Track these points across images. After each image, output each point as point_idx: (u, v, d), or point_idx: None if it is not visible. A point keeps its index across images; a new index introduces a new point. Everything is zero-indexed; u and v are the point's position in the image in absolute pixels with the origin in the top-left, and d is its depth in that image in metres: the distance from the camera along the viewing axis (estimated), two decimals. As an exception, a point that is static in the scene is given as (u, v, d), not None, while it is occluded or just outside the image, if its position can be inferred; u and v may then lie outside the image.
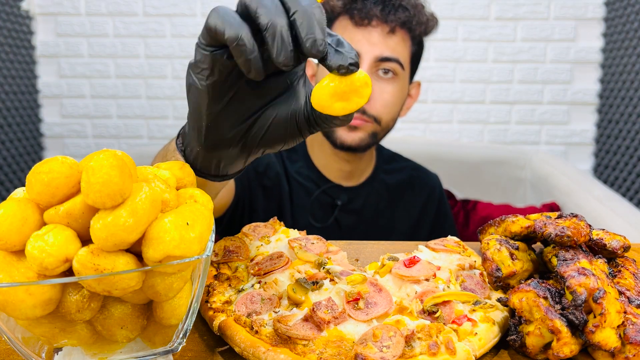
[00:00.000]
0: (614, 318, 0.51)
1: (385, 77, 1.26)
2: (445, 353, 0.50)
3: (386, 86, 1.26)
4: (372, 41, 1.23)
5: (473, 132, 2.68)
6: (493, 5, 2.57)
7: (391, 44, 1.24)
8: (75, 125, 2.67)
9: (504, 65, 2.62)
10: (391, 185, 1.44)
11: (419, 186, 1.47)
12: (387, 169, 1.47)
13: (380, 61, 1.23)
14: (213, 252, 0.67)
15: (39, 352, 0.47)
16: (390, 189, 1.44)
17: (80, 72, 2.62)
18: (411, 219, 1.45)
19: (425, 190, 1.48)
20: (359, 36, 1.24)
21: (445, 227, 1.49)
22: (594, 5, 2.54)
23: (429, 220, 1.46)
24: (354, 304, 0.57)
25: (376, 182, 1.43)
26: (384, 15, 1.22)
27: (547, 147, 2.68)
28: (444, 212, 1.51)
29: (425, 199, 1.47)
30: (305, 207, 1.35)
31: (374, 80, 1.24)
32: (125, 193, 0.41)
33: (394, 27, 1.23)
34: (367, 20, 1.23)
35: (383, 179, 1.44)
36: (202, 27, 0.50)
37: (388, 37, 1.23)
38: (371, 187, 1.41)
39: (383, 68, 1.24)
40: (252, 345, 0.52)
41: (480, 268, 0.68)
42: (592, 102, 2.64)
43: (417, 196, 1.46)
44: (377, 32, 1.23)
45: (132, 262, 0.43)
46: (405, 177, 1.47)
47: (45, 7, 2.56)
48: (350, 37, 1.25)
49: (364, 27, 1.23)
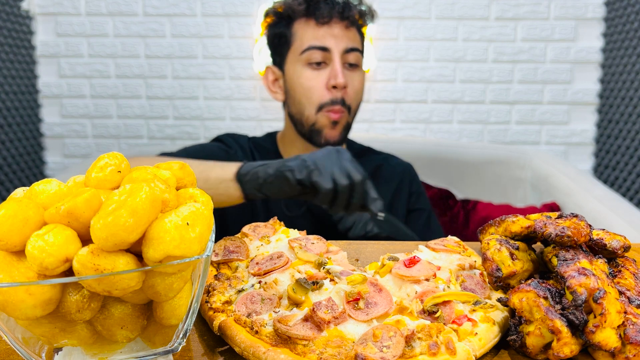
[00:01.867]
0: (614, 318, 0.51)
1: (352, 68, 1.39)
2: (446, 353, 0.50)
3: (354, 75, 1.39)
4: (337, 36, 1.36)
5: (473, 132, 2.68)
6: (493, 5, 2.57)
7: (350, 36, 1.38)
8: (75, 125, 2.67)
9: (504, 65, 2.62)
10: None
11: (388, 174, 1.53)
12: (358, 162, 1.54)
13: (346, 53, 1.36)
14: (213, 252, 0.67)
15: (39, 352, 0.47)
16: None
17: (80, 72, 2.62)
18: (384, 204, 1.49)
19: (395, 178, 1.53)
20: (323, 32, 1.36)
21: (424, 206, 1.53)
22: (594, 5, 2.54)
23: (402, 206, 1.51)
24: (354, 304, 0.57)
25: None
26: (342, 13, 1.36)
27: (547, 147, 2.68)
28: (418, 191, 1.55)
29: (395, 187, 1.52)
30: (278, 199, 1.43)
31: (345, 71, 1.37)
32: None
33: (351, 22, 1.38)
34: (328, 19, 1.35)
35: None
36: (202, 27, 0.51)
37: (348, 31, 1.38)
38: None
39: (348, 61, 1.37)
40: (252, 345, 0.51)
41: (480, 268, 0.68)
42: (592, 102, 2.64)
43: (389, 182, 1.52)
44: (339, 27, 1.36)
45: (132, 262, 0.43)
46: (373, 167, 1.53)
47: (45, 7, 2.56)
48: (316, 36, 1.36)
49: (327, 25, 1.36)
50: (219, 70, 2.60)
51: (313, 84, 1.36)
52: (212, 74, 2.61)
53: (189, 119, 2.64)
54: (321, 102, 1.35)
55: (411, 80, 2.63)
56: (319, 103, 1.35)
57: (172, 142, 2.66)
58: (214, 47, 2.58)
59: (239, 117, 2.65)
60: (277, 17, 1.42)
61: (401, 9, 2.55)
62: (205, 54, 2.59)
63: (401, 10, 2.56)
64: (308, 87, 1.36)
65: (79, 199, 0.43)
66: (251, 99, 2.63)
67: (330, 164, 1.04)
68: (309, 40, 1.36)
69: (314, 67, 1.36)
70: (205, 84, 2.62)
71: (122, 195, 0.42)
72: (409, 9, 2.56)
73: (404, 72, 2.61)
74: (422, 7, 2.57)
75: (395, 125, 2.67)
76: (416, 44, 2.60)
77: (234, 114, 2.64)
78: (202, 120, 2.65)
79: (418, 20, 2.57)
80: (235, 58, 2.59)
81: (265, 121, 2.65)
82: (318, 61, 1.36)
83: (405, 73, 2.61)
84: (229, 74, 2.61)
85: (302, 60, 1.37)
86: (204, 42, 2.57)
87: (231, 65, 2.60)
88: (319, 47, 1.35)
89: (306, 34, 1.37)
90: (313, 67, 1.36)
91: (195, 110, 2.64)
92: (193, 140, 2.66)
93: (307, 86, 1.36)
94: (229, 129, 2.63)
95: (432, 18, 2.59)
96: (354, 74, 1.39)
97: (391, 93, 2.62)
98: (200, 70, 2.60)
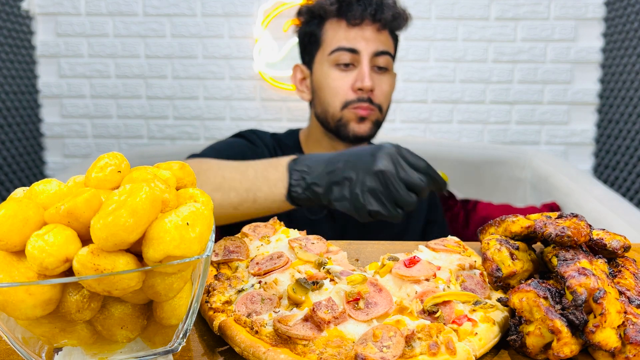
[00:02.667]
0: (614, 318, 0.51)
1: (381, 71, 1.38)
2: (446, 353, 0.50)
3: (383, 78, 1.38)
4: (368, 38, 1.34)
5: (473, 132, 2.68)
6: (493, 5, 2.57)
7: (382, 39, 1.37)
8: (75, 125, 2.67)
9: (504, 65, 2.62)
10: None
11: None
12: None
13: (376, 56, 1.35)
14: (213, 252, 0.67)
15: (39, 352, 0.47)
16: None
17: (80, 72, 2.62)
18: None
19: None
20: (354, 34, 1.34)
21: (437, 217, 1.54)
22: (594, 5, 2.54)
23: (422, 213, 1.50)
24: (354, 304, 0.57)
25: None
26: (374, 15, 1.34)
27: (547, 147, 2.68)
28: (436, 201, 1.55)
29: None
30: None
31: (373, 74, 1.36)
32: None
33: (383, 25, 1.36)
34: (359, 20, 1.34)
35: None
36: (202, 27, 0.50)
37: (379, 34, 1.36)
38: None
39: (378, 65, 1.36)
40: (252, 345, 0.51)
41: (480, 268, 0.68)
42: (592, 102, 2.64)
43: None
44: (370, 30, 1.35)
45: (132, 262, 0.43)
46: None
47: (45, 7, 2.56)
48: (347, 37, 1.34)
49: (358, 27, 1.34)
50: (219, 70, 2.60)
51: (339, 84, 1.34)
52: (212, 74, 2.61)
53: (189, 119, 2.65)
54: (347, 100, 1.33)
55: (411, 80, 2.63)
56: (345, 101, 1.33)
57: (172, 142, 2.66)
58: (214, 47, 2.58)
59: (239, 117, 2.65)
60: (309, 16, 1.40)
61: (401, 9, 2.56)
62: (205, 54, 2.59)
63: (401, 10, 2.56)
64: (334, 87, 1.34)
65: (79, 199, 0.43)
66: (251, 99, 2.63)
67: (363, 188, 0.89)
68: (339, 41, 1.34)
69: (341, 68, 1.35)
70: (205, 84, 2.62)
71: (122, 195, 0.42)
72: (409, 9, 2.54)
73: (404, 72, 2.61)
74: (422, 7, 2.57)
75: (395, 125, 2.67)
76: (416, 44, 2.60)
77: (234, 114, 2.64)
78: (202, 120, 2.65)
79: (418, 20, 2.57)
80: (235, 58, 2.59)
81: (265, 121, 2.65)
82: (346, 62, 1.34)
83: (405, 73, 2.61)
84: (229, 74, 2.61)
85: (330, 61, 1.36)
86: (204, 42, 2.58)
87: (231, 65, 2.60)
88: (348, 48, 1.33)
89: (336, 35, 1.35)
90: (341, 68, 1.35)
91: (195, 110, 2.64)
92: (193, 140, 2.66)
93: (333, 86, 1.35)
94: (229, 129, 2.63)
95: (432, 18, 2.59)
96: (382, 77, 1.37)
97: (391, 93, 2.62)
98: (200, 70, 2.60)
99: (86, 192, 0.44)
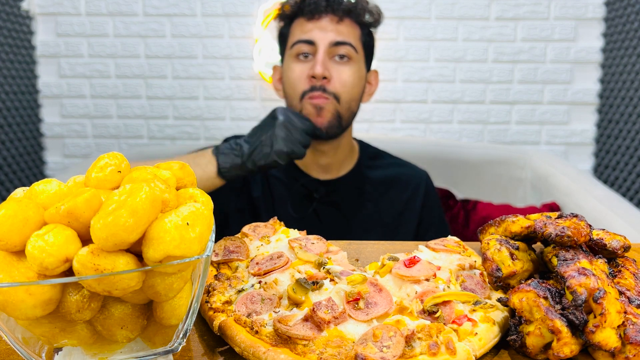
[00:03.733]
0: (614, 318, 0.51)
1: (341, 61, 1.39)
2: (446, 353, 0.50)
3: (343, 68, 1.39)
4: (324, 29, 1.38)
5: (473, 132, 2.68)
6: (493, 5, 2.57)
7: (341, 30, 1.39)
8: (75, 125, 2.67)
9: (504, 65, 2.62)
10: (375, 180, 1.51)
11: (404, 181, 1.53)
12: (371, 165, 1.55)
13: (334, 46, 1.37)
14: (213, 252, 0.67)
15: (39, 352, 0.47)
16: (374, 183, 1.51)
17: (80, 72, 2.62)
18: (395, 212, 1.50)
19: (411, 185, 1.53)
20: (311, 26, 1.39)
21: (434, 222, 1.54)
22: (594, 5, 2.54)
23: (414, 215, 1.51)
24: (354, 304, 0.57)
25: (357, 177, 1.50)
26: (331, 6, 1.39)
27: (547, 147, 2.68)
28: (430, 204, 1.55)
29: (410, 194, 1.52)
30: (284, 200, 1.44)
31: (331, 64, 1.38)
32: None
33: (341, 15, 1.39)
34: (317, 14, 1.38)
35: (366, 174, 1.51)
36: (202, 27, 0.51)
37: (338, 25, 1.39)
38: (351, 181, 1.49)
39: (338, 54, 1.38)
40: (252, 345, 0.51)
41: (480, 268, 0.68)
42: (592, 102, 2.64)
43: (403, 191, 1.52)
44: (327, 21, 1.39)
45: (132, 262, 0.43)
46: (391, 174, 1.53)
47: (45, 7, 2.56)
48: (303, 30, 1.39)
49: (315, 20, 1.39)
50: (219, 70, 2.60)
51: (297, 74, 1.38)
52: (212, 74, 2.61)
53: (189, 119, 2.64)
54: (303, 90, 1.36)
55: (411, 80, 2.63)
56: (301, 91, 1.37)
57: (172, 142, 2.66)
58: (214, 47, 2.58)
59: (239, 117, 2.64)
60: (280, 19, 1.48)
61: (401, 9, 2.56)
62: (205, 54, 2.59)
63: (401, 10, 2.56)
64: (292, 79, 1.39)
65: (79, 199, 0.43)
66: (251, 99, 2.63)
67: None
68: (298, 35, 1.39)
69: (300, 59, 1.39)
70: (205, 84, 2.62)
71: (122, 195, 0.42)
72: (409, 9, 2.56)
73: (404, 72, 2.61)
74: (422, 7, 2.57)
75: (395, 125, 2.67)
76: (416, 44, 2.60)
77: (234, 114, 2.64)
78: (202, 120, 2.65)
79: (418, 20, 2.57)
80: (235, 58, 2.59)
81: (265, 121, 2.64)
82: (305, 53, 1.38)
83: (405, 73, 2.61)
84: (229, 74, 2.61)
85: (291, 55, 1.41)
86: (204, 42, 2.57)
87: (231, 65, 2.60)
88: (305, 40, 1.37)
89: (296, 30, 1.41)
90: (300, 59, 1.39)
91: (195, 110, 2.64)
92: (193, 140, 2.66)
93: (292, 77, 1.39)
94: (229, 129, 2.63)
95: (432, 18, 2.59)
96: (342, 66, 1.38)
97: (391, 93, 2.62)
98: (200, 70, 2.60)
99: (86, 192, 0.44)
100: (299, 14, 1.42)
